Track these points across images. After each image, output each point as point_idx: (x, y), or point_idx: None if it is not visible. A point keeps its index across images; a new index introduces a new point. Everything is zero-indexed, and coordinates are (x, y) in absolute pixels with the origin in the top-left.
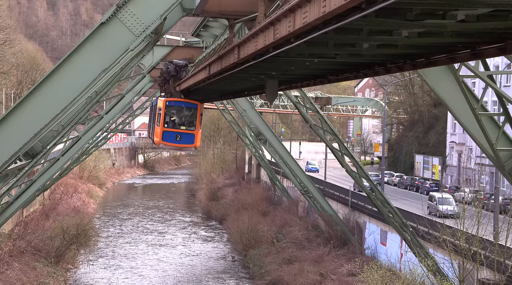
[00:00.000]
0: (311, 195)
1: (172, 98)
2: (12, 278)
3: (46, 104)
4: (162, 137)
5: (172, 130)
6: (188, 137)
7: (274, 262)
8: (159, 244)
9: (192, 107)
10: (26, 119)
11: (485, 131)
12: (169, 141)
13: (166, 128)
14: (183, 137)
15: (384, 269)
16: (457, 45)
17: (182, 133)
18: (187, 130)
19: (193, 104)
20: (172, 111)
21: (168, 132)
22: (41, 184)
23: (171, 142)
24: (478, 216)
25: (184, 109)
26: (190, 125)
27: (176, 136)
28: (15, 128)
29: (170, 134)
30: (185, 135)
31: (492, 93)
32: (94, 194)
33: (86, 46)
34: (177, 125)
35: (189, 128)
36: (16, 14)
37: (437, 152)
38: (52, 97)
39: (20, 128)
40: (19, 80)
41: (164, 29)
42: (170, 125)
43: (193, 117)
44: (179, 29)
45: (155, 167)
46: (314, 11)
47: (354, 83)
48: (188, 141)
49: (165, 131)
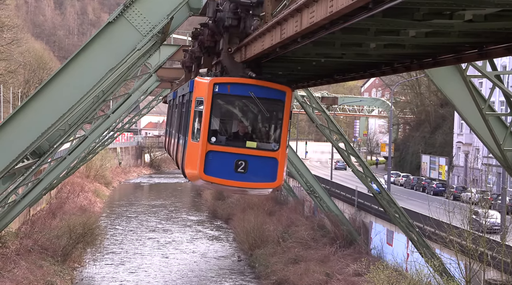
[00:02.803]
0: (317, 195)
1: (229, 78)
2: (19, 277)
3: (53, 103)
4: (205, 166)
5: (229, 150)
6: (264, 165)
7: (280, 261)
8: (165, 243)
9: (273, 99)
10: (33, 118)
11: (492, 131)
12: (220, 174)
13: (213, 146)
14: (253, 166)
15: (390, 269)
16: (465, 45)
17: (250, 158)
18: (262, 151)
19: (276, 91)
20: (228, 106)
21: (220, 155)
22: (48, 183)
23: (225, 176)
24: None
25: (258, 103)
26: (267, 138)
27: (237, 163)
28: (22, 127)
29: (224, 159)
30: (257, 162)
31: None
32: (101, 193)
33: (93, 45)
34: (239, 138)
35: (265, 146)
36: (23, 13)
37: (443, 152)
38: (59, 96)
39: (27, 127)
40: (26, 79)
41: (171, 29)
42: (222, 139)
43: (276, 120)
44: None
45: (161, 166)
46: (321, 11)
47: (360, 83)
48: (262, 174)
49: (213, 152)
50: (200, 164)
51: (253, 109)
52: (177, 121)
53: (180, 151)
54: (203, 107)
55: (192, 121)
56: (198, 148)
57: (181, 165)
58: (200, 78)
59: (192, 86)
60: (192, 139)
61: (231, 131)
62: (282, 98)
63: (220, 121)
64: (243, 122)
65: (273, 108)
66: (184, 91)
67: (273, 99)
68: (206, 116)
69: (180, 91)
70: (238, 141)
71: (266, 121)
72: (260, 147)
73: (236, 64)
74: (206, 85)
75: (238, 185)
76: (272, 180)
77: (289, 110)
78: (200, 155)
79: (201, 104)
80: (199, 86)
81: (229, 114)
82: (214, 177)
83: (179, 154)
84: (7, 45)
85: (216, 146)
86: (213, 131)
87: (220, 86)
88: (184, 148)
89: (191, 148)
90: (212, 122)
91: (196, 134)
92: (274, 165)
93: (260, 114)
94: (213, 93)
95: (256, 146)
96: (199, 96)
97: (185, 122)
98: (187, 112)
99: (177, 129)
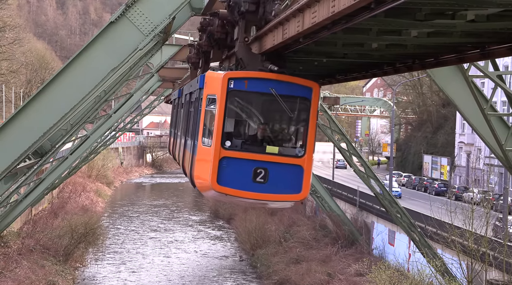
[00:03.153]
0: (319, 195)
1: (246, 73)
2: (21, 276)
3: (55, 103)
4: (218, 175)
5: (246, 156)
6: (287, 174)
7: (282, 261)
8: (167, 243)
9: (298, 97)
10: (35, 118)
11: (494, 132)
12: (235, 184)
13: (228, 151)
14: (274, 175)
15: (392, 269)
16: (467, 45)
17: (270, 165)
18: (285, 157)
19: (301, 87)
20: (245, 105)
21: (235, 162)
22: (49, 182)
23: (242, 186)
24: (487, 216)
25: (280, 101)
26: (291, 142)
27: (255, 171)
28: (24, 127)
29: (240, 167)
30: (279, 170)
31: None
32: (103, 193)
33: (95, 45)
34: (258, 142)
35: (288, 151)
36: (25, 13)
37: (445, 152)
38: (61, 96)
39: (29, 126)
40: (28, 79)
41: (173, 29)
42: (238, 143)
43: (301, 121)
44: (187, 29)
45: (163, 166)
46: (323, 11)
47: (362, 83)
48: (285, 184)
49: (227, 159)
50: (213, 173)
51: (274, 108)
52: (183, 122)
53: (188, 157)
54: (215, 106)
55: (202, 123)
56: (210, 154)
57: (190, 173)
58: (212, 72)
59: (203, 82)
60: (202, 143)
61: (249, 134)
62: (308, 96)
63: (236, 122)
64: (262, 123)
65: (297, 107)
66: (192, 88)
67: (297, 96)
68: (219, 116)
69: (187, 88)
70: (256, 146)
71: (289, 122)
72: (282, 152)
73: (254, 56)
74: (219, 80)
75: (256, 197)
76: (296, 192)
77: (316, 110)
78: (212, 162)
79: (214, 102)
80: (211, 82)
81: (246, 114)
82: (229, 187)
83: (187, 160)
84: (9, 45)
85: (231, 151)
86: (227, 134)
87: (236, 81)
88: (193, 153)
89: (202, 154)
90: (226, 123)
91: (208, 138)
92: (298, 173)
93: (283, 114)
94: (228, 89)
95: (278, 152)
96: (211, 93)
97: (194, 124)
98: (196, 112)
99: (184, 131)
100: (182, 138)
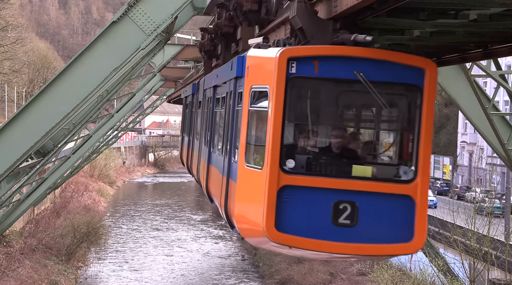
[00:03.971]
0: None
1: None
2: (23, 276)
3: (58, 102)
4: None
5: (320, 184)
6: (388, 210)
7: (284, 261)
8: (169, 242)
9: (401, 84)
10: (37, 118)
11: (497, 131)
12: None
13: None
14: (367, 213)
15: (394, 268)
16: (469, 45)
17: (361, 197)
18: (383, 183)
19: (406, 69)
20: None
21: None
22: (52, 182)
23: (316, 233)
24: (489, 216)
25: (373, 92)
26: (393, 158)
27: (336, 208)
28: (26, 126)
29: (312, 201)
30: (375, 205)
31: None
32: (105, 193)
33: (97, 45)
34: (338, 160)
35: (388, 173)
36: (27, 12)
37: (448, 151)
38: (64, 95)
39: (32, 126)
40: (30, 79)
41: (175, 28)
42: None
43: (407, 123)
44: (190, 28)
45: (165, 165)
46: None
47: None
48: (385, 228)
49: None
50: (268, 213)
51: (363, 104)
52: (205, 127)
53: (218, 180)
54: (268, 103)
55: (245, 130)
56: (262, 181)
57: (224, 208)
58: (258, 51)
59: (241, 68)
60: (246, 163)
61: (323, 148)
62: (418, 82)
63: (301, 129)
64: (344, 129)
65: (402, 100)
66: (219, 78)
67: (401, 83)
68: (275, 120)
69: (209, 80)
70: (337, 166)
71: (389, 126)
72: (378, 176)
73: (322, 23)
74: (273, 62)
75: (340, 251)
76: (405, 239)
77: (433, 104)
78: (267, 195)
79: (264, 98)
80: (258, 66)
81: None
82: (295, 235)
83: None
84: (11, 45)
85: (297, 176)
86: (288, 148)
87: (301, 62)
88: (229, 176)
89: (246, 180)
90: (287, 131)
91: (255, 155)
92: (408, 209)
93: (378, 114)
94: (288, 76)
95: (372, 175)
96: (259, 84)
97: (227, 131)
98: (229, 113)
99: (208, 140)
100: (205, 150)
